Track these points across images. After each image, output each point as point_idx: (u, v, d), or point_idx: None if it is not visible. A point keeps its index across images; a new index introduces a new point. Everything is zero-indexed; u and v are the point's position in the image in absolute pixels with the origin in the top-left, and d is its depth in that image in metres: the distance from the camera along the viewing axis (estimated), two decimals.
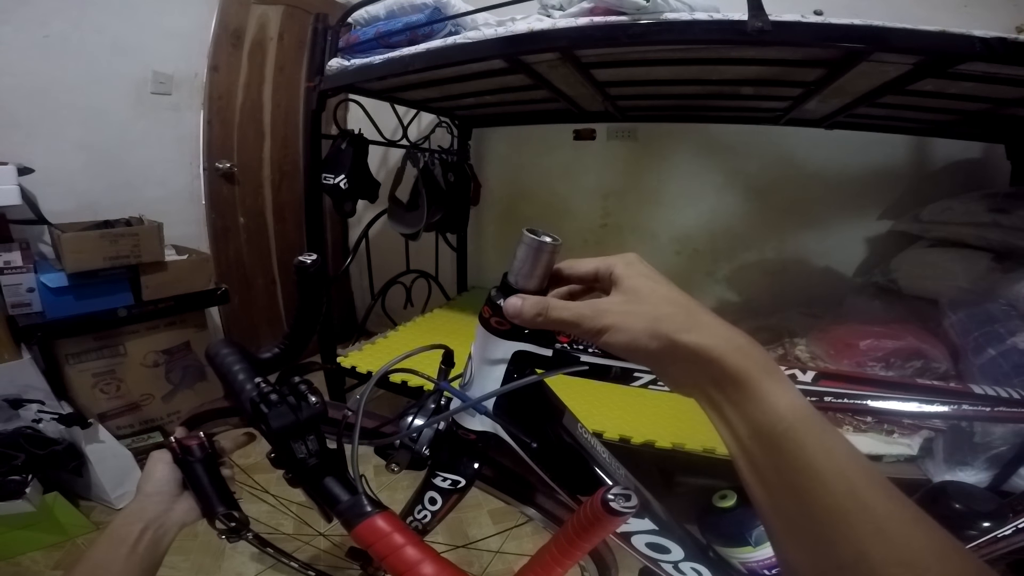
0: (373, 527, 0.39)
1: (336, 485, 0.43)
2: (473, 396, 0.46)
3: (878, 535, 0.26)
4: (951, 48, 0.92)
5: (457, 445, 0.54)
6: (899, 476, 1.22)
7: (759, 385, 0.30)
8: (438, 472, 0.58)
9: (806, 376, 0.46)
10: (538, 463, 0.49)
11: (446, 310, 2.35)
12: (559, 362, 0.44)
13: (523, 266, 0.39)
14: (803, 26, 0.96)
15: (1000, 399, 0.49)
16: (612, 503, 0.38)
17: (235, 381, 0.48)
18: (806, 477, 0.28)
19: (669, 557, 0.53)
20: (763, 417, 0.29)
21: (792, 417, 0.29)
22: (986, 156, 1.72)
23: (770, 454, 0.29)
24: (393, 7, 1.45)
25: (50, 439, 1.39)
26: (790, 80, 1.33)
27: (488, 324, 0.43)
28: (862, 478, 0.27)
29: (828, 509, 0.27)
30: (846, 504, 0.27)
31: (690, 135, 2.09)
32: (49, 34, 1.65)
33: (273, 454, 0.45)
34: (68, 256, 1.49)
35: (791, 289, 2.02)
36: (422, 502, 0.61)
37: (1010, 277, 1.27)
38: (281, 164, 2.44)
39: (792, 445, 0.28)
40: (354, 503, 0.41)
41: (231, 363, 0.50)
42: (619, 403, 1.48)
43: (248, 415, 0.45)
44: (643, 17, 1.03)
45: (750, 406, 0.30)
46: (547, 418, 0.50)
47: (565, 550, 0.42)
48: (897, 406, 0.47)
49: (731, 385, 0.31)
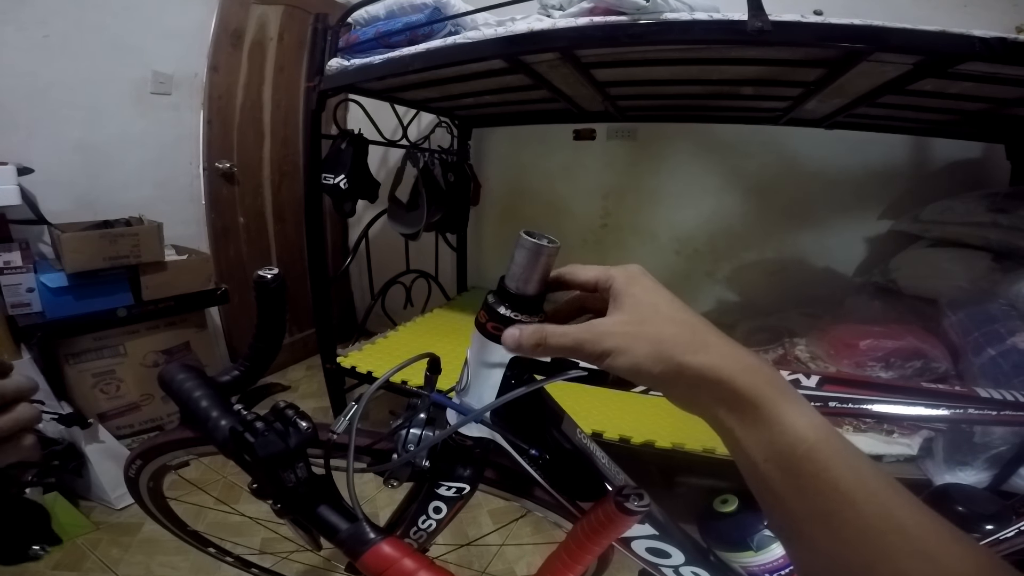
0: (381, 555, 0.38)
1: (332, 514, 0.41)
2: (470, 402, 0.44)
3: (918, 556, 0.25)
4: (951, 48, 0.92)
5: (454, 453, 0.52)
6: (899, 476, 1.21)
7: (774, 406, 0.29)
8: (441, 482, 0.57)
9: (810, 381, 0.46)
10: (537, 470, 0.48)
11: (446, 310, 2.35)
12: (557, 367, 0.42)
13: (521, 270, 0.38)
14: (803, 26, 0.96)
15: (1006, 403, 0.48)
16: (626, 503, 0.37)
17: (199, 408, 0.44)
18: (834, 501, 0.27)
19: (670, 562, 0.52)
20: (781, 439, 0.28)
21: (813, 438, 0.28)
22: (986, 156, 1.72)
23: (792, 478, 0.28)
24: (393, 7, 1.45)
25: (50, 439, 1.39)
26: (790, 80, 1.33)
27: (484, 329, 0.41)
28: (893, 497, 0.26)
29: (862, 532, 0.26)
30: (881, 526, 0.25)
31: (690, 135, 2.09)
32: (49, 34, 1.65)
33: (255, 484, 0.42)
34: (68, 256, 1.50)
35: (791, 289, 2.02)
36: (426, 512, 0.59)
37: (1010, 277, 1.28)
38: (281, 164, 2.44)
39: (815, 467, 0.27)
40: (356, 531, 0.39)
41: (191, 388, 0.46)
42: (618, 403, 1.48)
43: (222, 444, 0.42)
44: (643, 17, 1.03)
45: (765, 428, 0.29)
46: (546, 424, 0.48)
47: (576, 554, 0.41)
48: (902, 410, 0.46)
49: (743, 407, 0.29)
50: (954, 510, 0.63)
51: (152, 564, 1.27)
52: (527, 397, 0.44)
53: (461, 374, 0.46)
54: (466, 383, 0.45)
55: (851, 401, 0.45)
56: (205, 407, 0.44)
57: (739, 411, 0.29)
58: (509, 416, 0.45)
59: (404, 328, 2.07)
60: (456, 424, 0.45)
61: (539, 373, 0.43)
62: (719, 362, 0.30)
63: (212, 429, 0.43)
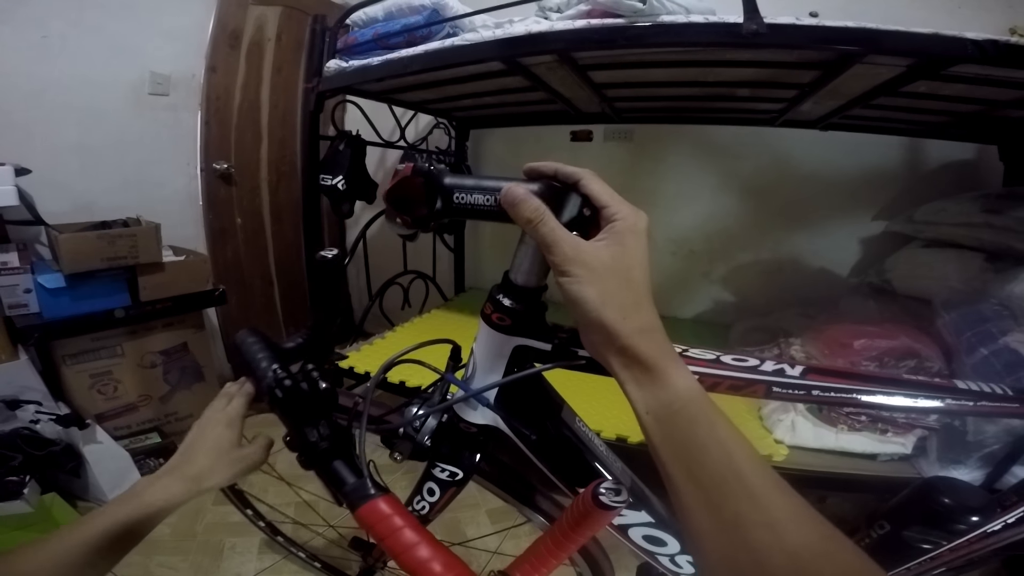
0: (375, 509, 0.41)
1: (344, 468, 0.45)
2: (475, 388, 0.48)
3: (750, 499, 0.29)
4: (943, 50, 0.93)
5: (459, 438, 0.55)
6: (894, 475, 1.23)
7: (661, 370, 0.34)
8: (438, 463, 0.59)
9: (794, 371, 0.48)
10: (537, 455, 0.51)
11: (443, 311, 2.36)
12: (557, 356, 0.45)
13: (523, 263, 0.42)
14: (797, 28, 0.97)
15: (983, 394, 0.50)
16: (602, 497, 0.39)
17: (257, 368, 0.51)
18: (693, 448, 0.32)
19: (666, 550, 0.54)
20: (662, 396, 0.33)
21: (687, 398, 0.33)
22: (979, 157, 1.74)
23: (665, 428, 0.33)
24: (391, 9, 1.46)
25: (48, 440, 1.39)
26: (785, 82, 1.35)
27: (490, 320, 0.45)
28: (738, 451, 0.31)
29: (711, 475, 0.31)
30: (725, 472, 0.31)
31: (686, 136, 2.10)
32: (47, 35, 1.65)
33: (288, 437, 0.48)
34: (65, 257, 1.49)
35: (787, 289, 2.03)
36: (421, 493, 0.62)
37: (1002, 277, 1.29)
38: (278, 165, 2.44)
39: (683, 421, 0.33)
40: (359, 485, 0.43)
41: (256, 351, 0.53)
42: (618, 403, 1.48)
43: (267, 399, 0.47)
44: (640, 20, 1.04)
45: (650, 386, 0.34)
46: (546, 411, 0.51)
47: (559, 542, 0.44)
48: (883, 400, 0.48)
49: (638, 366, 0.34)
50: (940, 502, 0.64)
51: (151, 564, 1.27)
52: (529, 385, 0.49)
53: (467, 364, 0.50)
54: (473, 372, 0.49)
55: (832, 390, 0.47)
56: (263, 368, 0.50)
57: (635, 369, 0.35)
58: (512, 402, 0.49)
59: (402, 329, 2.08)
60: (456, 398, 0.50)
61: (540, 363, 0.47)
62: (627, 327, 0.35)
63: (259, 383, 0.50)
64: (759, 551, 0.28)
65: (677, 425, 0.33)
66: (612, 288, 0.35)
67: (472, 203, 0.41)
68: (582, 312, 0.36)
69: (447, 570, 0.37)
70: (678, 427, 0.33)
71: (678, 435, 0.33)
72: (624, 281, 0.36)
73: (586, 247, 0.36)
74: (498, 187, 0.39)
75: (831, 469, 1.24)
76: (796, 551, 0.28)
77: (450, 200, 0.41)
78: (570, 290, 0.35)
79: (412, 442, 0.52)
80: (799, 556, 0.27)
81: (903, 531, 0.68)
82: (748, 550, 0.28)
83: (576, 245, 0.36)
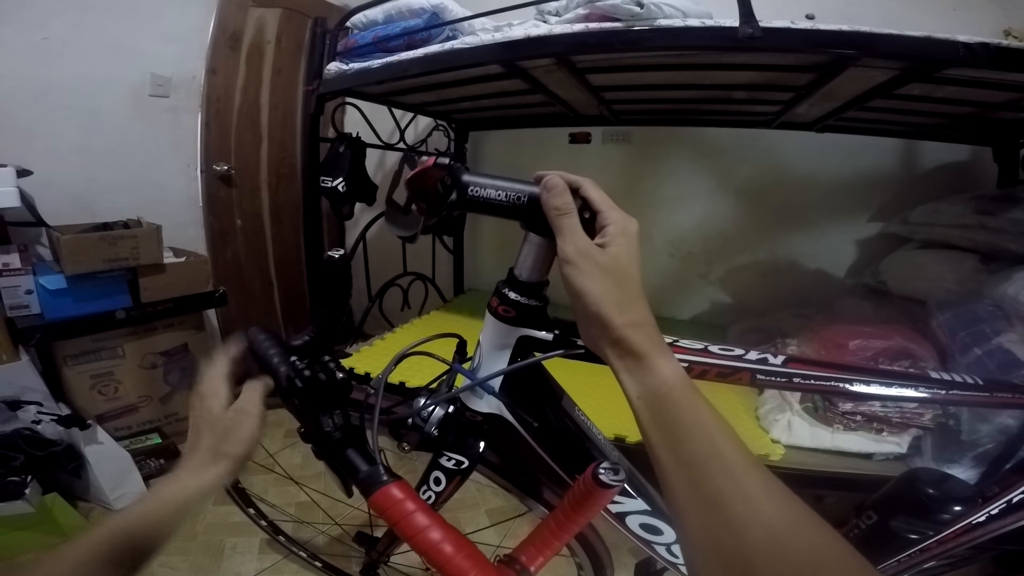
0: (388, 494, 0.43)
1: (357, 456, 0.47)
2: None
3: (728, 475, 0.32)
4: (936, 53, 0.94)
5: (464, 427, 0.57)
6: (890, 474, 1.23)
7: (650, 359, 0.37)
8: (444, 452, 0.60)
9: (776, 360, 0.51)
10: (539, 442, 0.53)
11: (443, 312, 2.36)
12: (558, 346, 0.48)
13: (527, 260, 0.46)
14: (792, 32, 0.98)
15: (954, 383, 0.53)
16: (601, 476, 0.42)
17: (272, 363, 0.54)
18: (679, 431, 0.35)
19: (662, 539, 0.56)
20: (652, 382, 0.37)
21: (672, 384, 0.36)
22: (973, 159, 1.75)
23: (654, 412, 0.36)
24: (391, 12, 1.47)
25: (49, 440, 1.39)
26: (781, 85, 1.36)
27: (496, 312, 0.48)
28: (718, 432, 0.34)
29: (695, 454, 0.33)
30: (707, 450, 0.33)
31: (684, 139, 2.12)
32: (48, 36, 1.66)
33: (302, 429, 0.50)
34: (67, 258, 1.50)
35: (783, 290, 2.05)
36: (428, 482, 0.63)
37: (996, 278, 1.30)
38: (278, 167, 2.45)
39: (671, 406, 0.36)
40: (372, 472, 0.46)
41: (268, 347, 0.56)
42: (617, 402, 1.49)
43: (282, 391, 0.49)
44: (637, 24, 1.05)
45: (639, 374, 0.38)
46: (547, 400, 0.54)
47: (562, 524, 0.46)
48: (860, 388, 0.51)
49: (630, 356, 0.38)
50: (923, 491, 0.65)
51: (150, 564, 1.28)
52: (531, 376, 0.52)
53: (474, 355, 0.53)
54: (479, 362, 0.52)
55: (812, 378, 0.51)
56: (276, 362, 0.53)
57: (627, 359, 0.38)
58: (515, 391, 0.52)
59: (401, 330, 2.08)
60: (465, 386, 0.53)
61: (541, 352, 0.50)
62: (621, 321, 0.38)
63: (275, 377, 0.52)
64: (737, 525, 0.30)
65: (664, 408, 0.36)
66: (610, 286, 0.39)
67: (485, 197, 0.44)
68: (583, 305, 0.39)
69: (458, 550, 0.39)
70: (665, 410, 0.36)
71: (665, 417, 0.36)
72: (620, 280, 0.39)
73: (593, 246, 0.40)
74: (511, 187, 0.43)
75: (827, 468, 1.25)
76: (771, 524, 0.29)
77: (465, 194, 0.44)
78: (575, 281, 0.39)
79: (419, 432, 0.54)
80: (774, 528, 0.29)
81: (890, 521, 0.70)
82: (727, 524, 0.30)
83: (587, 241, 0.40)
